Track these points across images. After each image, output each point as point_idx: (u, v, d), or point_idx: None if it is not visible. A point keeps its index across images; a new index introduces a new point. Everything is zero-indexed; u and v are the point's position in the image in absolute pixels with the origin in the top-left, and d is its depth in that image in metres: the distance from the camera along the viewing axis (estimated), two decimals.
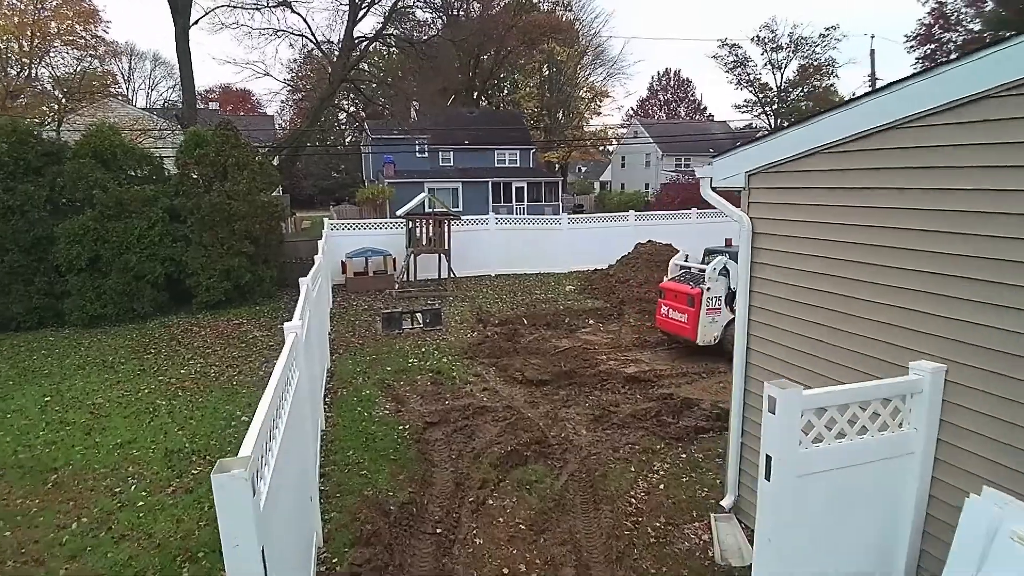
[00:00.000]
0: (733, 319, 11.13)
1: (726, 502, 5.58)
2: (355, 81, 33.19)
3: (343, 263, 17.91)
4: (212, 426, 8.09)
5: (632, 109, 79.03)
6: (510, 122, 45.48)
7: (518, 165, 41.66)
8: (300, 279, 7.51)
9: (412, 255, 17.46)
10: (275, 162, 27.96)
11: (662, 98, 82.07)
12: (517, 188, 39.67)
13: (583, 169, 77.42)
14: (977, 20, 39.40)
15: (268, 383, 3.72)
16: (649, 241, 18.69)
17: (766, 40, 67.03)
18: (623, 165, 57.07)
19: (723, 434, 7.59)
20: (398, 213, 17.93)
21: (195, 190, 14.98)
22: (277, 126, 51.62)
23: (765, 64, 68.34)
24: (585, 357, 11.24)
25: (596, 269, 19.40)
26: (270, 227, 15.90)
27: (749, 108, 70.99)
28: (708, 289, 10.74)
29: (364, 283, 17.83)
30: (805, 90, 70.53)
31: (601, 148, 69.38)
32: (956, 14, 40.78)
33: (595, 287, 17.49)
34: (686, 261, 12.20)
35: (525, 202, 39.20)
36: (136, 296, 14.16)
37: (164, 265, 14.50)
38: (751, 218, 5.07)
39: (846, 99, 4.23)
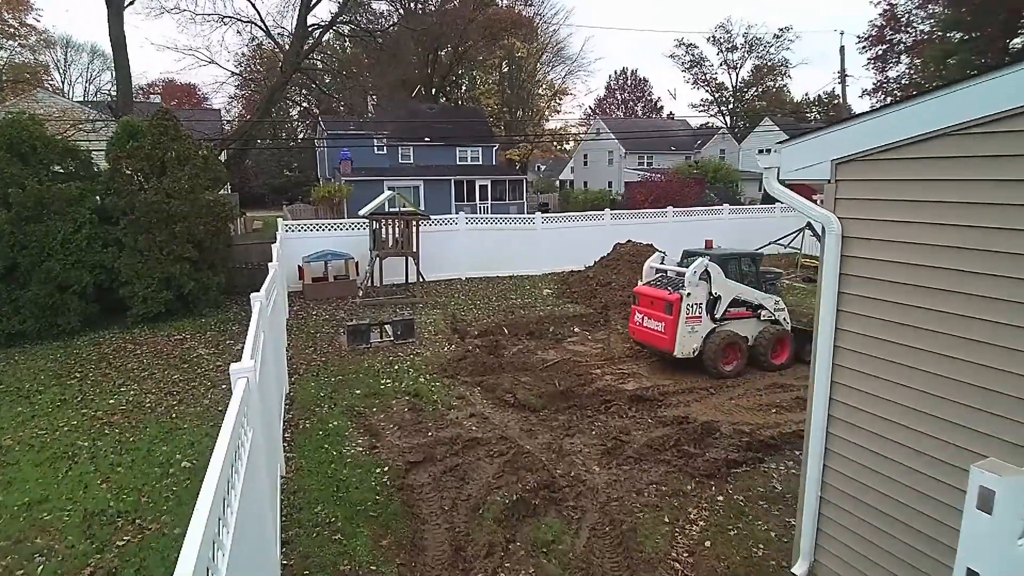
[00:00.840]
0: (714, 329, 10.11)
1: (799, 570, 4.52)
2: (308, 72, 31.28)
3: (300, 268, 16.29)
4: (145, 475, 6.60)
5: (590, 107, 78.93)
6: (472, 118, 44.05)
7: (480, 163, 40.24)
8: (252, 295, 6.17)
9: (377, 258, 16.01)
10: (222, 157, 25.87)
11: (620, 97, 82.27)
12: (481, 186, 38.22)
13: (542, 168, 76.65)
14: (927, 21, 40.14)
15: (207, 473, 2.45)
16: (629, 241, 17.72)
17: (721, 40, 68.03)
18: (585, 163, 56.30)
19: (759, 467, 6.60)
20: (361, 213, 16.41)
21: (128, 188, 13.19)
22: (224, 121, 48.74)
23: (721, 64, 69.39)
24: (578, 372, 10.15)
25: (573, 271, 18.41)
26: (216, 229, 14.17)
27: (706, 107, 71.97)
28: (688, 295, 9.69)
29: (324, 290, 16.28)
30: (760, 90, 72.00)
31: (559, 147, 68.83)
32: (907, 15, 41.52)
33: (574, 291, 16.43)
34: (662, 263, 11.14)
35: (489, 200, 37.75)
36: (60, 309, 12.35)
37: (93, 273, 12.71)
38: (840, 219, 4.00)
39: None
